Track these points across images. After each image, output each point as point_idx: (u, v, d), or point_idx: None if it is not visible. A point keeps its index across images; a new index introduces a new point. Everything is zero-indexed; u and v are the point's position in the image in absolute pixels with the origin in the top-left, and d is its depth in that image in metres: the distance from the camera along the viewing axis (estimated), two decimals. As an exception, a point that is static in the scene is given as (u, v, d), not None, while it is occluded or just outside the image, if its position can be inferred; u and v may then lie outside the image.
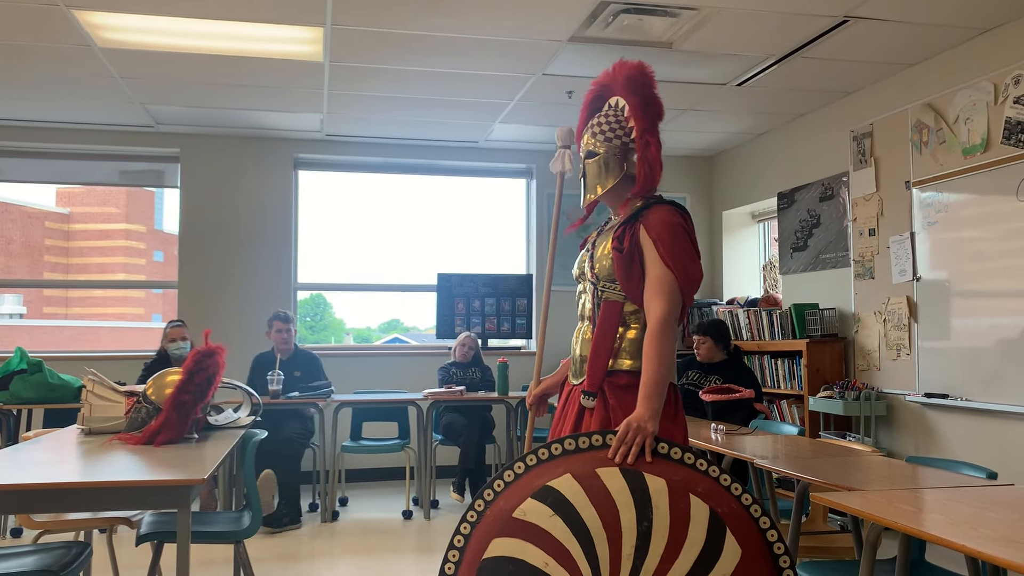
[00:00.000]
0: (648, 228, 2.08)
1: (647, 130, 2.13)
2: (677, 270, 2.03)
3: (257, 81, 4.95)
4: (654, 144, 2.12)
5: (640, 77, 2.16)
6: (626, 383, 2.07)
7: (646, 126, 2.14)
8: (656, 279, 2.04)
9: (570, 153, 2.47)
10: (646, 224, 2.08)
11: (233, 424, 3.44)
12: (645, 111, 2.14)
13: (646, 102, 2.15)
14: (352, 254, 7.00)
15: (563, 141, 2.49)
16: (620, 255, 2.09)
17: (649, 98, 2.15)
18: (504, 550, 1.75)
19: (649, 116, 2.14)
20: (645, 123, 2.14)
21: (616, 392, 2.08)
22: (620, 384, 2.08)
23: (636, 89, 2.16)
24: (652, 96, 2.16)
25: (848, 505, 2.09)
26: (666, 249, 2.04)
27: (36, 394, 4.82)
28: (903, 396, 4.66)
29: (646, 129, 2.13)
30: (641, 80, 2.16)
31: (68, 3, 3.79)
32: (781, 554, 1.76)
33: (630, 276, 2.08)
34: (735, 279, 6.74)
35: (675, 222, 2.08)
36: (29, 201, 25.24)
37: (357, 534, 4.74)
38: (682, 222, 2.10)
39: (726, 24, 4.03)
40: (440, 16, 3.94)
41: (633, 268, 2.08)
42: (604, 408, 2.08)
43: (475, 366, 5.87)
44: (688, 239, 2.08)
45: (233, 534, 2.92)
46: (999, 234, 4.03)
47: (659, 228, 2.07)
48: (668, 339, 1.99)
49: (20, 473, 2.32)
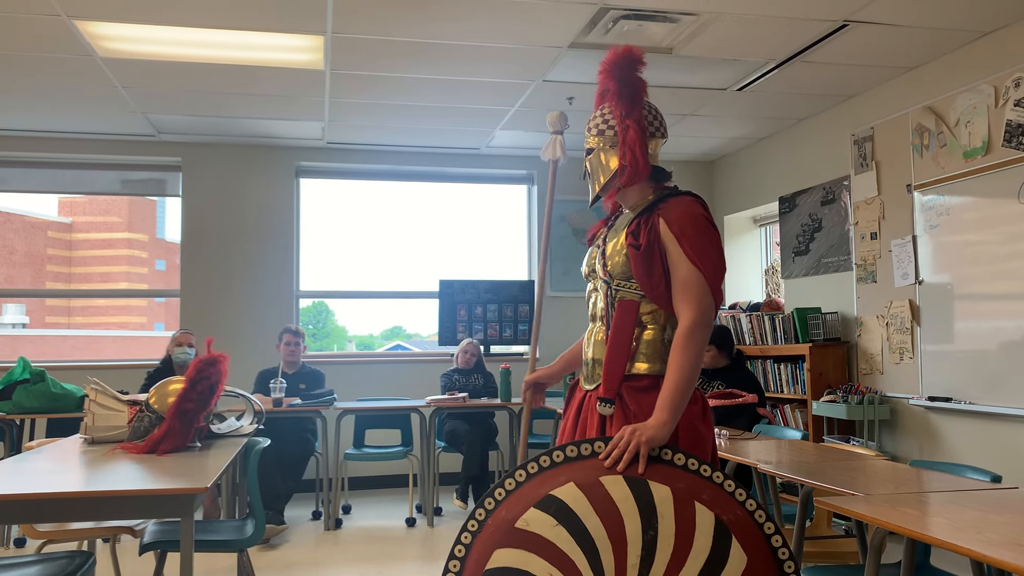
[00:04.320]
0: (669, 222, 1.93)
1: (627, 114, 2.02)
2: (705, 267, 1.90)
3: (258, 90, 4.96)
4: (632, 127, 2.00)
5: (618, 60, 2.04)
6: (647, 384, 1.94)
7: (625, 110, 2.02)
8: (684, 281, 1.91)
9: (562, 139, 2.37)
10: (666, 218, 1.94)
11: (236, 432, 3.44)
12: (622, 95, 2.03)
13: (623, 87, 2.03)
14: (354, 261, 7.00)
15: (554, 127, 2.35)
16: (637, 252, 1.94)
17: (627, 82, 2.03)
18: (507, 561, 1.73)
19: (626, 99, 2.02)
20: (624, 107, 2.03)
21: (635, 395, 1.94)
22: (640, 387, 1.95)
23: (614, 73, 2.04)
24: (631, 79, 2.03)
25: (852, 510, 2.09)
26: (691, 244, 1.90)
27: (39, 404, 4.82)
28: (906, 400, 4.65)
29: (626, 113, 2.02)
30: (620, 63, 2.03)
31: (70, 13, 3.80)
32: (786, 559, 1.75)
33: (651, 274, 1.94)
34: (737, 284, 6.74)
35: (697, 213, 1.95)
36: (31, 211, 25.35)
37: (360, 542, 4.73)
38: (703, 212, 1.97)
39: (726, 29, 4.04)
40: (440, 23, 3.95)
41: (654, 265, 1.93)
42: (624, 414, 1.94)
43: (477, 372, 5.87)
44: (712, 229, 1.95)
45: (236, 543, 2.91)
46: (1001, 237, 4.03)
47: (681, 222, 1.93)
48: (696, 347, 1.87)
49: (23, 483, 2.32)
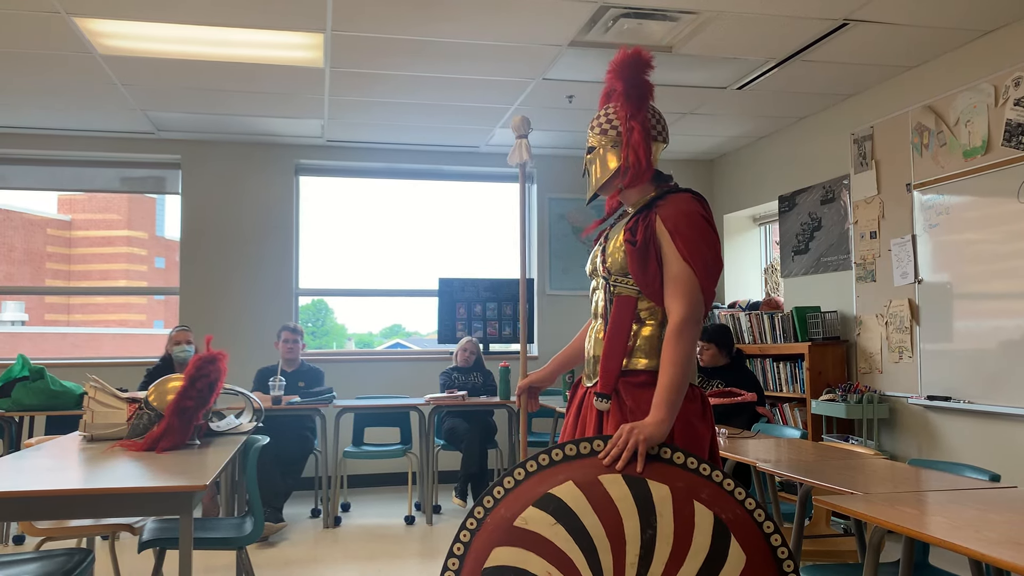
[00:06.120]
0: (665, 219, 1.96)
1: (632, 115, 2.04)
2: (696, 264, 1.92)
3: (258, 87, 4.96)
4: (637, 128, 2.02)
5: (627, 61, 2.05)
6: (643, 381, 1.95)
7: (631, 111, 2.04)
8: (675, 277, 1.93)
9: (527, 143, 2.40)
10: (662, 215, 1.97)
11: (235, 430, 3.44)
12: (628, 96, 2.05)
13: (629, 87, 2.05)
14: (353, 259, 7.00)
15: (519, 131, 2.40)
16: (634, 248, 1.97)
17: (633, 82, 2.05)
18: (505, 559, 1.73)
19: (633, 101, 2.04)
20: (629, 108, 2.04)
21: (632, 392, 1.95)
22: (636, 383, 1.95)
23: (622, 74, 2.06)
24: (638, 80, 2.05)
25: (851, 508, 2.09)
26: (684, 242, 1.93)
27: (38, 401, 4.82)
28: (905, 399, 4.65)
29: (631, 115, 2.04)
30: (628, 65, 2.05)
31: (69, 11, 3.80)
32: (785, 558, 1.75)
33: (646, 270, 1.96)
34: (737, 282, 6.74)
35: (692, 210, 1.97)
36: (31, 208, 25.33)
37: (359, 540, 4.73)
38: (700, 209, 1.98)
39: (726, 28, 4.04)
40: (440, 22, 3.95)
41: (649, 262, 1.96)
42: (621, 410, 1.95)
43: (477, 371, 5.87)
44: (708, 227, 1.96)
45: (235, 540, 2.91)
46: (1000, 236, 4.03)
47: (676, 219, 1.95)
48: (686, 343, 1.88)
49: (22, 480, 2.32)
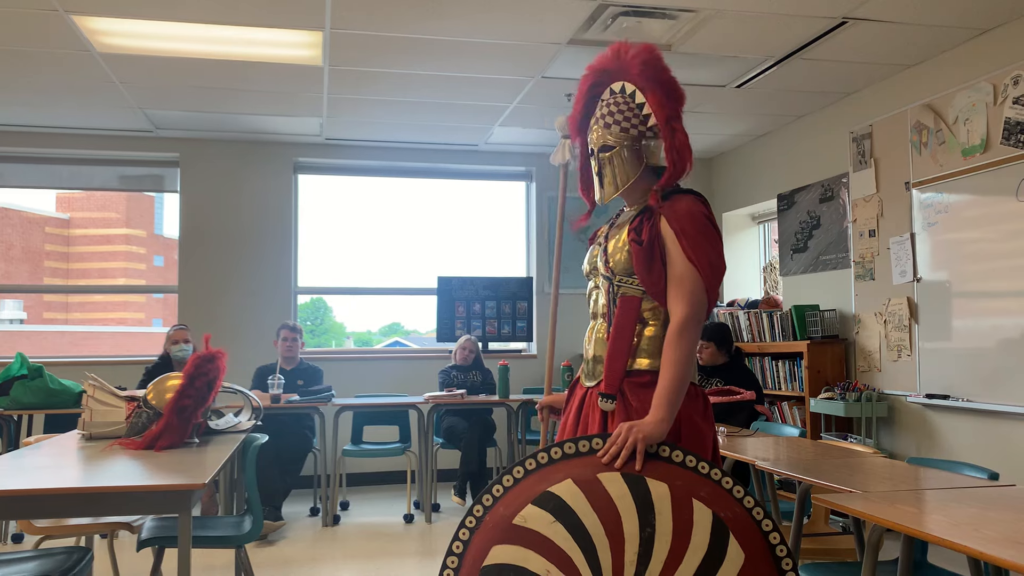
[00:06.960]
0: (670, 219, 1.95)
1: (672, 117, 2.00)
2: (701, 265, 1.92)
3: (256, 85, 4.95)
4: (680, 130, 1.99)
5: (655, 62, 2.03)
6: (647, 381, 1.95)
7: (670, 113, 2.01)
8: (678, 278, 1.93)
9: (571, 143, 2.36)
10: (668, 215, 1.96)
11: (234, 428, 3.44)
12: (669, 98, 2.01)
13: (668, 89, 2.02)
14: (352, 258, 7.01)
15: (564, 131, 2.35)
16: (639, 248, 1.96)
17: (670, 84, 2.02)
18: (504, 557, 1.74)
19: (672, 103, 2.02)
20: (669, 110, 2.01)
21: (637, 391, 1.95)
22: (641, 383, 1.96)
23: (655, 76, 2.02)
24: (672, 81, 2.02)
25: (850, 507, 2.09)
26: (689, 242, 1.93)
27: (37, 399, 4.82)
28: (904, 397, 4.66)
29: (671, 116, 2.00)
30: (657, 65, 2.03)
31: (67, 8, 3.79)
32: (783, 557, 1.75)
33: (651, 270, 1.96)
34: (735, 281, 6.74)
35: (698, 211, 1.96)
36: (29, 206, 25.29)
37: (358, 538, 4.74)
38: (705, 210, 1.98)
39: (725, 26, 4.03)
40: (439, 20, 3.95)
41: (654, 261, 1.96)
42: (625, 410, 1.95)
43: (476, 369, 5.87)
44: (712, 229, 1.97)
45: (234, 539, 2.91)
46: (999, 235, 4.03)
47: (682, 219, 1.95)
48: (687, 343, 1.89)
49: (21, 479, 2.32)
